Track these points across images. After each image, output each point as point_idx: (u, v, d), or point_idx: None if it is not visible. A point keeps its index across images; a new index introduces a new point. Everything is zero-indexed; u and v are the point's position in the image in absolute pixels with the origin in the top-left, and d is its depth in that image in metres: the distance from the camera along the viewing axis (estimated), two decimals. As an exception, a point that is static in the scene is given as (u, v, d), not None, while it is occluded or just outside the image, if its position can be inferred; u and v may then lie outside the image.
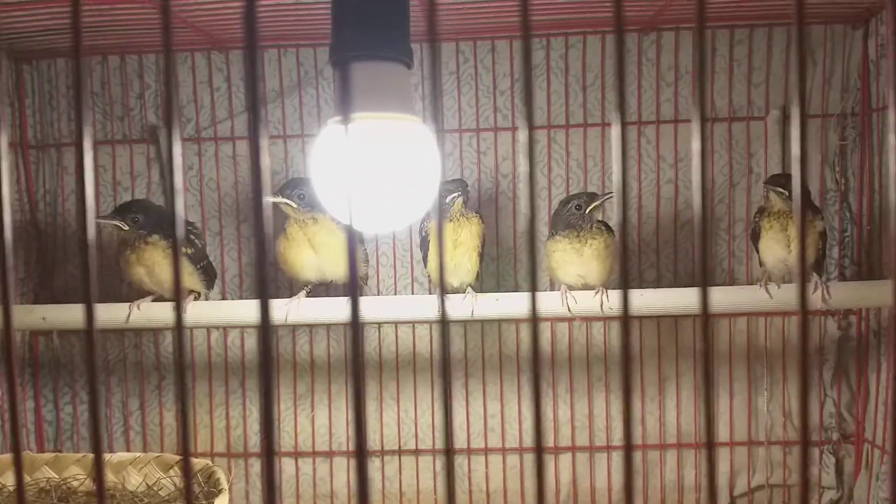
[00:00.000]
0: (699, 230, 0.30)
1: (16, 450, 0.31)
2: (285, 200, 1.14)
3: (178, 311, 0.32)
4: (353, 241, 0.32)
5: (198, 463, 1.07)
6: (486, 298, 1.15)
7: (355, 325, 0.32)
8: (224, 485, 0.98)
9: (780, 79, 1.29)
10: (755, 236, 1.15)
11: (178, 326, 0.32)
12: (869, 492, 1.28)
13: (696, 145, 0.27)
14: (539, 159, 1.33)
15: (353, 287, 0.32)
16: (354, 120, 0.69)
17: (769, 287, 1.11)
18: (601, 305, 1.12)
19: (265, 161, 0.30)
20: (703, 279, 0.32)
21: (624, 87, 0.28)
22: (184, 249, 1.14)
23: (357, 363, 0.30)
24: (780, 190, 1.09)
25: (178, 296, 0.32)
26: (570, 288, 1.14)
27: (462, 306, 1.15)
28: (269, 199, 0.99)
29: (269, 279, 0.31)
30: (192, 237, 1.20)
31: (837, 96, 1.29)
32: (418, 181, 0.72)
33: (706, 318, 0.32)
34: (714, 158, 1.31)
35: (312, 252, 1.17)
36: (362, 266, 1.22)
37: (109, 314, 1.17)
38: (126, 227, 1.15)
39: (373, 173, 0.70)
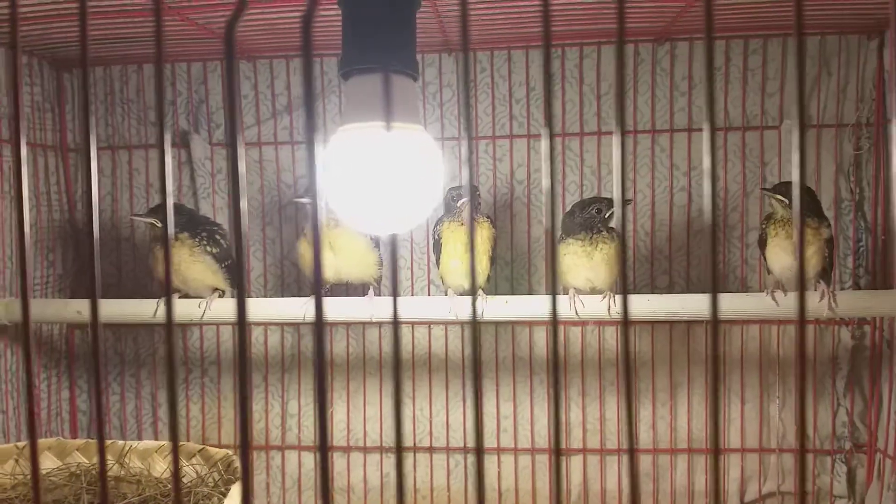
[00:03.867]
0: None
1: (32, 438, 0.36)
2: None
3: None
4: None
5: (218, 452, 1.12)
6: (495, 301, 1.18)
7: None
8: (240, 473, 1.03)
9: (794, 89, 1.30)
10: (762, 243, 1.17)
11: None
12: (881, 501, 1.28)
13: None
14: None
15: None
16: (359, 129, 0.73)
17: (776, 295, 1.12)
18: (608, 310, 1.14)
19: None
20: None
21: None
22: (208, 248, 1.20)
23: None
24: (780, 197, 1.10)
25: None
26: (579, 292, 1.17)
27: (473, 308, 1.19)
28: (301, 201, 1.04)
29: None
30: (218, 237, 1.26)
31: (852, 106, 1.29)
32: (422, 186, 0.76)
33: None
34: (728, 167, 1.33)
35: (332, 254, 1.21)
36: (376, 269, 1.27)
37: (139, 309, 1.24)
38: (159, 224, 1.21)
39: (377, 179, 0.74)
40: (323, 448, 0.33)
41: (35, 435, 0.34)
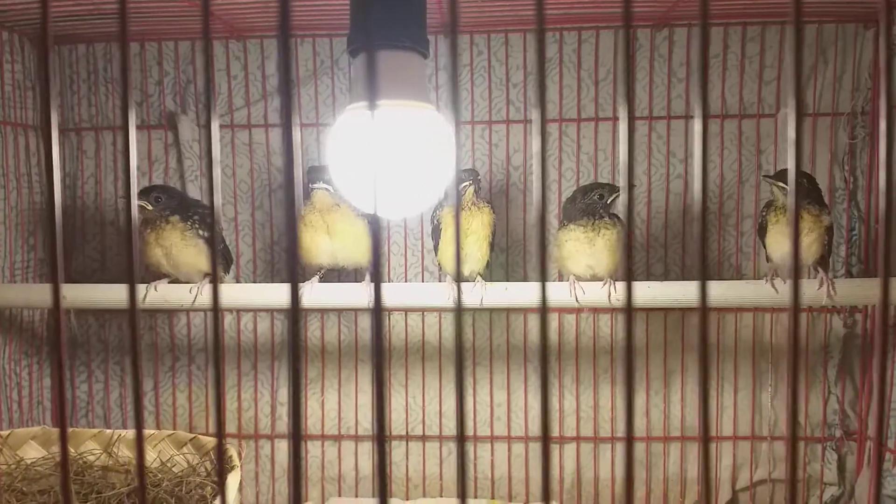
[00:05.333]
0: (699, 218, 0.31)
1: (62, 425, 0.33)
2: (326, 186, 1.15)
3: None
4: (377, 227, 0.34)
5: (210, 441, 1.09)
6: (495, 287, 1.17)
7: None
8: (236, 462, 1.00)
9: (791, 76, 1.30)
10: (762, 231, 1.16)
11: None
12: (870, 489, 1.29)
13: (697, 127, 0.29)
14: (550, 152, 1.35)
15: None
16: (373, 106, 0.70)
17: (775, 282, 1.12)
18: (609, 297, 1.13)
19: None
20: (703, 268, 0.34)
21: (634, 81, 0.30)
22: (200, 232, 1.17)
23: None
24: (782, 185, 1.10)
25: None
26: (579, 279, 1.16)
27: (472, 295, 1.17)
28: (317, 187, 1.01)
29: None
30: (209, 220, 1.22)
31: (848, 95, 1.30)
32: (432, 168, 0.74)
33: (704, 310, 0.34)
34: (724, 155, 1.33)
35: (328, 238, 1.19)
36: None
37: (125, 294, 1.20)
38: (150, 207, 1.17)
39: (387, 159, 0.71)
40: (380, 439, 0.31)
41: (65, 423, 0.32)
